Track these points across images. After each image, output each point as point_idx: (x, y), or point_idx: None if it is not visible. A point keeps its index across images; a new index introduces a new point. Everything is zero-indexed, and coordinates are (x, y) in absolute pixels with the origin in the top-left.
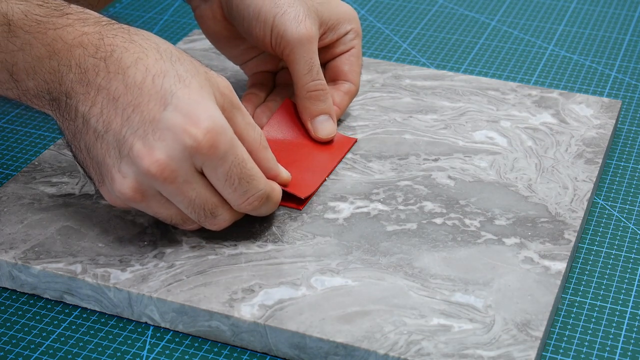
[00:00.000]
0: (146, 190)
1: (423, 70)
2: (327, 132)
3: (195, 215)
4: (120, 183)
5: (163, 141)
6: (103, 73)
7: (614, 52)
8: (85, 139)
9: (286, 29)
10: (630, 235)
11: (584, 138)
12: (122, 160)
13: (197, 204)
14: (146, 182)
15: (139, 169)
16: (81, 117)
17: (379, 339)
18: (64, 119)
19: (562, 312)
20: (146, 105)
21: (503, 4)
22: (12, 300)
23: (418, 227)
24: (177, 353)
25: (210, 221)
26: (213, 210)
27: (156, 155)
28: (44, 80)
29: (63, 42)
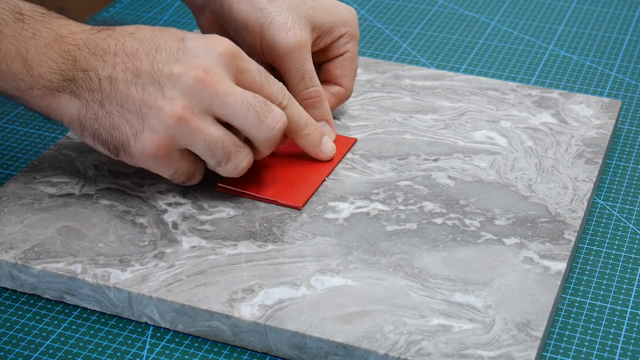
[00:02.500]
0: (195, 107)
1: (423, 70)
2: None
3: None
4: (170, 107)
5: (196, 57)
6: (113, 41)
7: (614, 52)
8: (116, 98)
9: (274, 38)
10: (630, 235)
11: (584, 138)
12: (165, 88)
13: (245, 106)
14: (195, 94)
15: (186, 83)
16: (106, 80)
17: (379, 339)
18: (86, 93)
19: (562, 312)
20: (165, 43)
21: (503, 4)
22: (12, 300)
23: (418, 227)
24: (177, 353)
25: (232, 157)
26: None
27: (197, 64)
28: (56, 62)
29: (68, 30)
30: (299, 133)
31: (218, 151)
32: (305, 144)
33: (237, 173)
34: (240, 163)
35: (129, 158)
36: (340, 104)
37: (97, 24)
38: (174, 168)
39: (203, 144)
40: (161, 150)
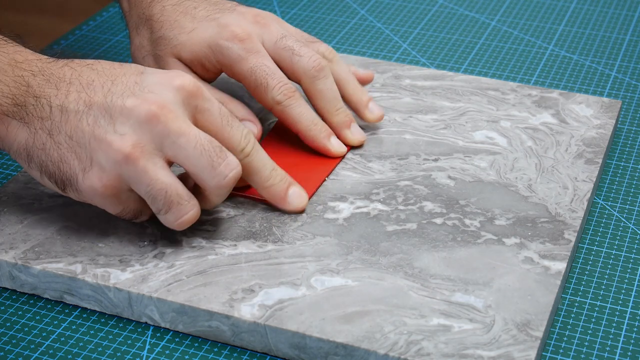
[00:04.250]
0: (145, 145)
1: (423, 70)
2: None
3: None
4: (119, 142)
5: (152, 92)
6: (69, 70)
7: (614, 52)
8: (65, 128)
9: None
10: (630, 235)
11: (584, 138)
12: (117, 121)
13: (197, 149)
14: (146, 130)
15: (138, 118)
16: (57, 109)
17: (379, 339)
18: (36, 120)
19: (562, 312)
20: (123, 77)
21: (503, 4)
22: (12, 300)
23: (418, 227)
24: (177, 353)
25: (173, 208)
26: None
27: (152, 99)
28: (8, 86)
29: (23, 57)
30: (262, 184)
31: (160, 199)
32: (268, 195)
33: (177, 225)
34: (181, 216)
35: (75, 194)
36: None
37: (55, 54)
38: (121, 207)
39: (146, 189)
40: (109, 190)
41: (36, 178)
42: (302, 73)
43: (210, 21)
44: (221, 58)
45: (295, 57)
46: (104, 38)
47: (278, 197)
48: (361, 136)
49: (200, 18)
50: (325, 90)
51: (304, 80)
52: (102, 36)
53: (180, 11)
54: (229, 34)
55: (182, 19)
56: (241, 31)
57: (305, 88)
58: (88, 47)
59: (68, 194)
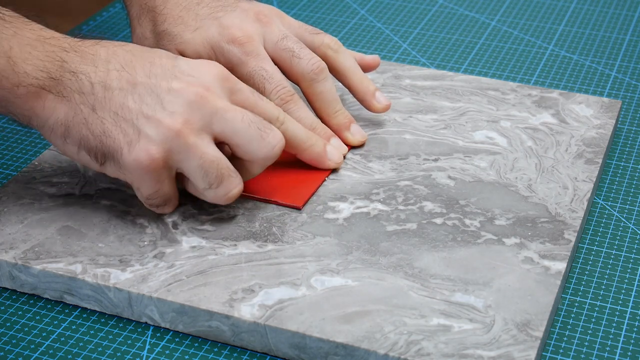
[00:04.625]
0: (194, 124)
1: (423, 70)
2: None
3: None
4: (169, 120)
5: (193, 76)
6: (103, 49)
7: (614, 52)
8: (110, 105)
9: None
10: (630, 235)
11: (584, 138)
12: (164, 101)
13: (245, 122)
14: (195, 110)
15: (187, 98)
16: (100, 86)
17: (379, 339)
18: (76, 95)
19: (562, 312)
20: (159, 59)
21: (503, 4)
22: (12, 300)
23: (418, 227)
24: (177, 353)
25: (225, 181)
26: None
27: (196, 82)
28: (42, 61)
29: (50, 34)
30: (301, 146)
31: (212, 172)
32: (310, 156)
33: (226, 199)
34: (232, 189)
35: (116, 168)
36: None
37: (78, 36)
38: (157, 187)
39: (198, 162)
40: (154, 163)
41: (70, 154)
42: (301, 75)
43: (213, 20)
44: (223, 61)
45: (294, 60)
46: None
47: (318, 154)
48: (361, 136)
49: (203, 16)
50: (324, 92)
51: (302, 82)
52: (102, 36)
53: (184, 6)
54: (230, 37)
55: (186, 15)
56: (242, 34)
57: (303, 90)
58: None
59: (106, 168)
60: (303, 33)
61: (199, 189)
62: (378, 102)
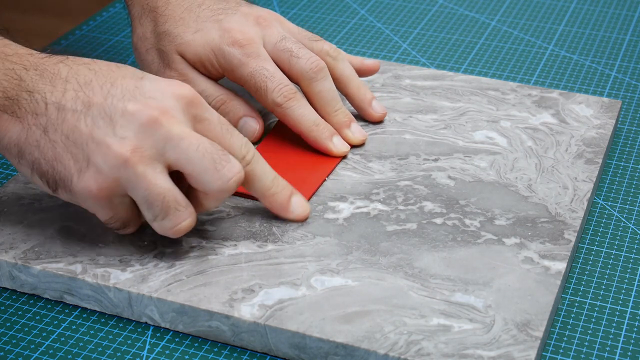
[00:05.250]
0: (145, 151)
1: (423, 70)
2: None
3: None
4: (118, 146)
5: (153, 98)
6: (65, 68)
7: (614, 52)
8: (62, 127)
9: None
10: (630, 235)
11: (584, 138)
12: (117, 124)
13: (200, 152)
14: (148, 135)
15: (140, 122)
16: (54, 107)
17: (379, 339)
18: (29, 116)
19: (562, 312)
20: (122, 80)
21: (503, 4)
22: (12, 300)
23: (418, 227)
24: (177, 353)
25: (170, 215)
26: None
27: (154, 104)
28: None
29: (13, 50)
30: (264, 192)
31: (157, 205)
32: (272, 204)
33: (172, 232)
34: (178, 223)
35: (67, 195)
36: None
37: (46, 51)
38: (112, 213)
39: (143, 193)
40: (104, 192)
41: (25, 175)
42: (300, 75)
43: (214, 23)
44: (223, 63)
45: (293, 59)
46: (104, 38)
47: (281, 205)
48: (362, 135)
49: (204, 18)
50: (323, 91)
51: (302, 81)
52: (102, 36)
53: (185, 7)
54: (231, 39)
55: (187, 16)
56: (242, 37)
57: (304, 89)
58: (88, 47)
59: (59, 194)
60: (302, 39)
61: (147, 220)
62: (374, 110)
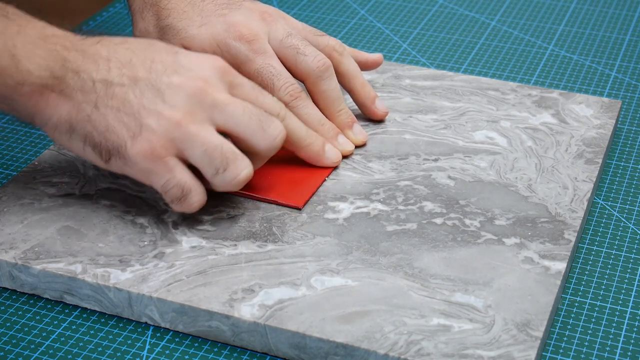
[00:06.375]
0: (195, 115)
1: (423, 70)
2: None
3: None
4: (170, 111)
5: (193, 70)
6: (104, 48)
7: (614, 52)
8: (112, 102)
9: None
10: (630, 235)
11: (584, 138)
12: (165, 95)
13: (247, 115)
14: (196, 103)
15: (187, 92)
16: (101, 83)
17: (379, 339)
18: (78, 93)
19: (562, 312)
20: (160, 55)
21: (503, 4)
22: (12, 300)
23: (418, 227)
24: (177, 353)
25: (231, 165)
26: (234, 151)
27: (196, 75)
28: (45, 60)
29: (52, 32)
30: (300, 143)
31: (216, 157)
32: (308, 154)
33: (235, 183)
34: (239, 172)
35: (122, 163)
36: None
37: (80, 33)
38: (168, 176)
39: (201, 149)
40: (158, 151)
41: (76, 151)
42: (307, 72)
43: (218, 17)
44: (229, 58)
45: (300, 57)
46: None
47: (316, 153)
48: (363, 137)
49: (208, 12)
50: (328, 90)
51: (308, 79)
52: (102, 32)
53: (188, 1)
54: (236, 34)
55: (190, 10)
56: (248, 32)
57: (308, 87)
58: None
59: (112, 164)
60: (307, 35)
61: (208, 177)
62: (377, 109)
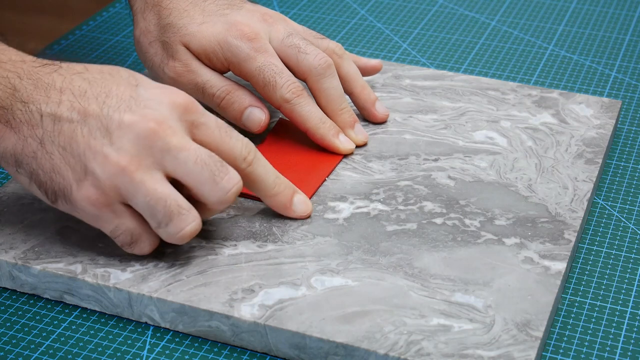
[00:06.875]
0: (142, 160)
1: (423, 70)
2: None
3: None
4: (116, 156)
5: (149, 107)
6: (59, 77)
7: (614, 52)
8: (59, 139)
9: (161, 79)
10: (630, 235)
11: (584, 138)
12: (113, 135)
13: (198, 164)
14: (145, 147)
15: (137, 134)
16: (49, 118)
17: (379, 339)
18: (25, 127)
19: (562, 312)
20: (117, 89)
21: (503, 4)
22: (12, 300)
23: (418, 227)
24: (177, 353)
25: (175, 219)
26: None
27: (150, 115)
28: None
29: (7, 57)
30: (266, 192)
31: (159, 210)
32: (274, 204)
33: (179, 237)
34: (183, 228)
35: (68, 206)
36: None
37: (40, 56)
38: (116, 222)
39: (144, 200)
40: (103, 198)
41: (24, 185)
42: (308, 71)
43: (220, 17)
44: (229, 56)
45: (301, 55)
46: (104, 38)
47: (283, 205)
48: (364, 137)
49: (209, 12)
50: (330, 88)
51: (309, 78)
52: (102, 36)
53: (190, 1)
54: (238, 33)
55: (192, 9)
56: (250, 30)
57: (310, 86)
58: (88, 47)
59: (59, 206)
60: (307, 37)
61: (153, 228)
62: (378, 111)
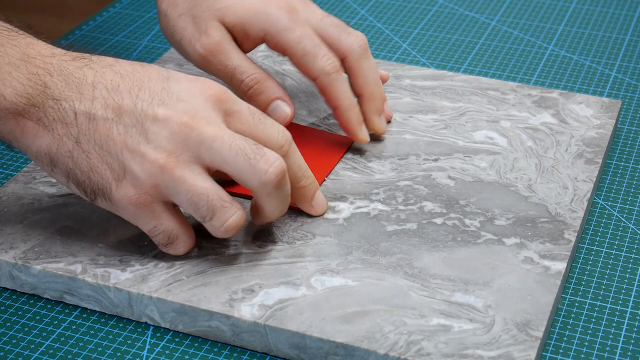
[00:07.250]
0: (180, 155)
1: (423, 70)
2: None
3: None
4: (153, 154)
5: (182, 100)
6: (90, 72)
7: (614, 52)
8: (94, 137)
9: (189, 55)
10: (630, 235)
11: (584, 138)
12: (148, 132)
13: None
14: (181, 141)
15: (171, 129)
16: (84, 116)
17: (379, 339)
18: (59, 125)
19: (562, 312)
20: (149, 82)
21: (503, 4)
22: (12, 300)
23: (418, 227)
24: (177, 353)
25: (217, 213)
26: (221, 198)
27: (183, 108)
28: (22, 84)
29: (36, 51)
30: (294, 184)
31: (202, 205)
32: (297, 196)
33: (224, 231)
34: (226, 220)
35: (107, 204)
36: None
37: (69, 48)
38: (154, 223)
39: (186, 196)
40: (143, 198)
41: (61, 183)
42: (350, 49)
43: None
44: (267, 26)
45: (343, 34)
46: (104, 38)
47: (306, 198)
48: (385, 127)
49: None
50: (370, 69)
51: (350, 55)
52: (102, 36)
53: None
54: (275, 4)
55: None
56: (287, 4)
57: (349, 65)
58: (88, 47)
59: (99, 204)
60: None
61: (200, 222)
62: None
